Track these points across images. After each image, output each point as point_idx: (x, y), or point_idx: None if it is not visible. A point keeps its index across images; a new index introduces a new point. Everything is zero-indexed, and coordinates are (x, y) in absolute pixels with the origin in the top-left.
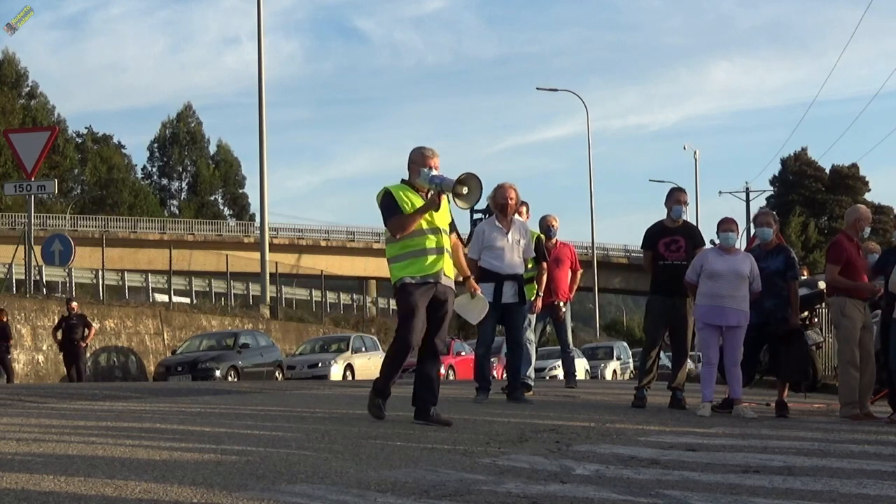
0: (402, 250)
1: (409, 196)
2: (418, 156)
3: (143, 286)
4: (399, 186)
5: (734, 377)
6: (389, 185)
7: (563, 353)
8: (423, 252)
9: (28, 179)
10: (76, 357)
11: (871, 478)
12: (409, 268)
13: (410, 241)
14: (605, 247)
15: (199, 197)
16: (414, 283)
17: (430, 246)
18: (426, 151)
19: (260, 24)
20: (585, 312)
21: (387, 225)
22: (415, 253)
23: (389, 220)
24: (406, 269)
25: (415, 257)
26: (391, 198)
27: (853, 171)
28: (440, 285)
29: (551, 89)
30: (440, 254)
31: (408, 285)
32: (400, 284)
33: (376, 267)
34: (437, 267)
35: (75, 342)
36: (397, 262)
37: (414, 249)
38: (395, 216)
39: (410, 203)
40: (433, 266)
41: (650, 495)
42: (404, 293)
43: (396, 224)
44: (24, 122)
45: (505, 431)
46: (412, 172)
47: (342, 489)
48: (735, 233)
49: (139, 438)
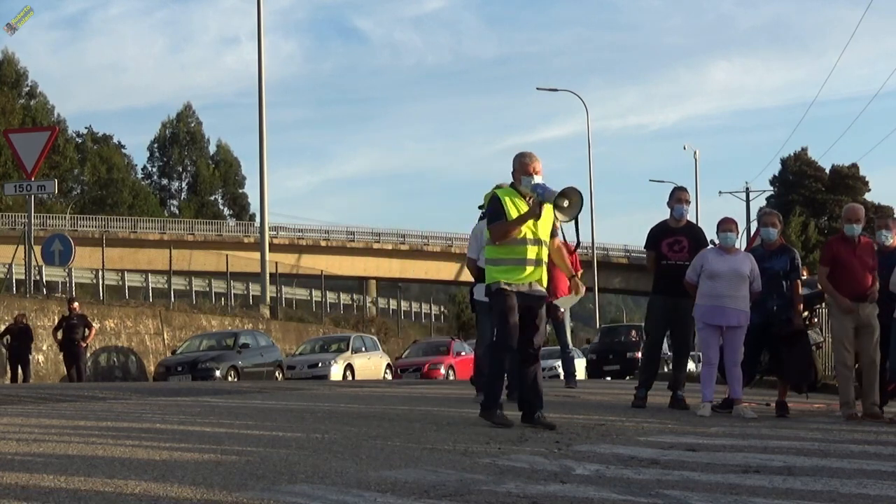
0: (502, 255)
1: (517, 202)
2: (519, 163)
3: (143, 286)
4: (508, 191)
5: (734, 377)
6: (499, 189)
7: (562, 353)
8: (523, 262)
9: (28, 179)
10: (76, 357)
11: (871, 478)
12: (506, 274)
13: (512, 249)
14: (605, 247)
15: (199, 197)
16: (510, 289)
17: (531, 257)
18: (525, 158)
19: (260, 24)
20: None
21: (489, 229)
22: (514, 261)
23: (492, 225)
24: (504, 274)
25: (514, 265)
26: (499, 202)
27: (853, 171)
28: (533, 295)
29: (551, 89)
30: (538, 265)
31: (504, 290)
32: (496, 289)
33: (376, 267)
34: (533, 277)
35: (76, 342)
36: (496, 266)
37: (514, 257)
38: (499, 222)
39: (517, 209)
40: (530, 276)
41: (650, 495)
42: (500, 297)
43: (499, 230)
44: (23, 122)
45: (505, 431)
46: (516, 180)
47: (342, 489)
48: (734, 233)
49: (139, 438)
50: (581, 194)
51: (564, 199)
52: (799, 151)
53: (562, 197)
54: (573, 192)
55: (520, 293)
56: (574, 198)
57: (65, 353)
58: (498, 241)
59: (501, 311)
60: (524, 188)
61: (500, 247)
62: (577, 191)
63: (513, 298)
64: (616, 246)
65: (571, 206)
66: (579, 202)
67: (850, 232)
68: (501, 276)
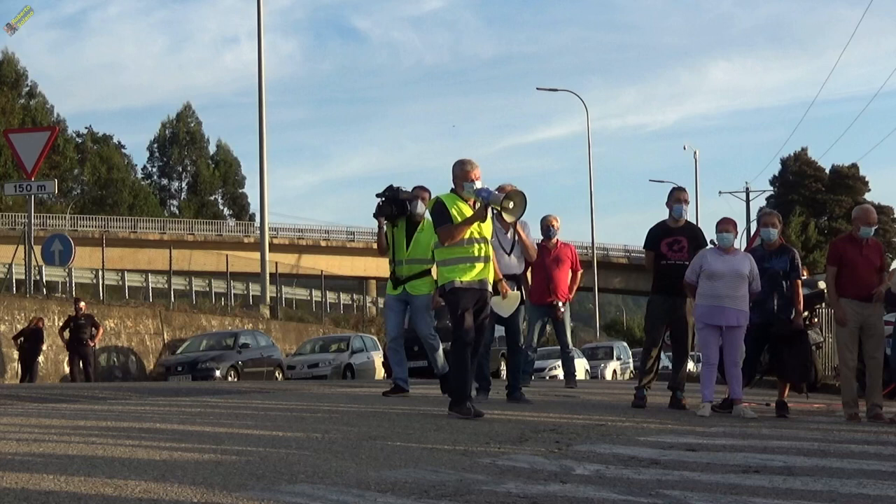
0: (451, 256)
1: (459, 205)
2: (459, 170)
3: (143, 286)
4: (449, 196)
5: (734, 377)
6: (441, 194)
7: (562, 354)
8: (472, 259)
9: (28, 179)
10: (85, 357)
11: (871, 478)
12: (458, 273)
13: (460, 249)
14: (605, 247)
15: (199, 197)
16: (463, 287)
17: (479, 254)
18: (466, 166)
19: (260, 24)
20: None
21: (437, 232)
22: (464, 259)
23: (440, 229)
24: (455, 273)
25: (464, 263)
26: (443, 206)
27: (853, 171)
28: (484, 291)
29: (551, 89)
30: (486, 262)
31: (457, 289)
32: (450, 288)
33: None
34: (484, 274)
35: (83, 342)
36: (447, 267)
37: (463, 256)
38: (446, 225)
39: (460, 212)
40: (480, 273)
41: (650, 495)
42: (454, 296)
43: (446, 232)
44: (23, 122)
45: (505, 431)
46: (458, 187)
47: (342, 489)
48: (733, 233)
49: (139, 438)
50: (524, 196)
51: (509, 201)
52: (799, 151)
53: (507, 199)
54: (517, 194)
55: (472, 290)
56: (518, 199)
57: (71, 353)
58: (447, 242)
59: (457, 309)
60: (466, 193)
61: (448, 248)
62: (522, 193)
63: (466, 298)
64: (616, 246)
65: (516, 206)
66: (523, 203)
67: (864, 234)
68: (454, 275)
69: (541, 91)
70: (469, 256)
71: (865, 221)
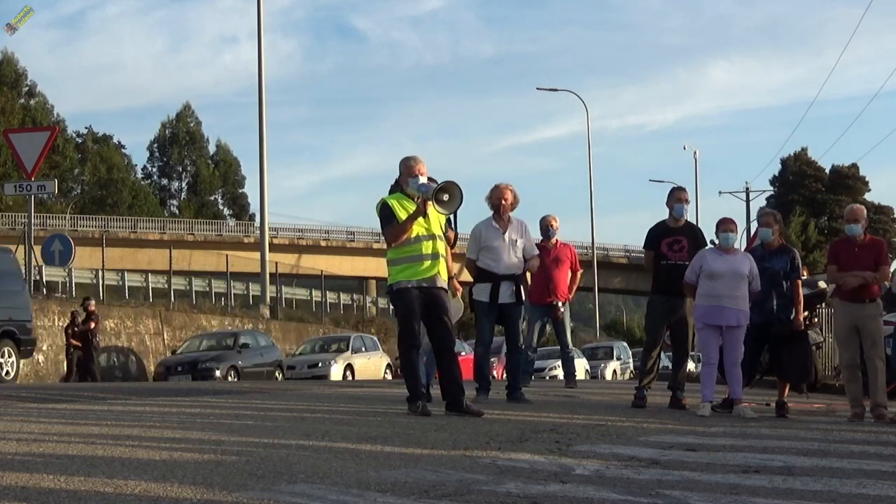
0: (399, 255)
1: (405, 204)
2: (405, 166)
3: (143, 286)
4: (395, 196)
5: (734, 377)
6: (387, 196)
7: (562, 354)
8: (420, 258)
9: (28, 179)
10: (89, 358)
11: (871, 478)
12: (405, 272)
13: (407, 248)
14: (605, 247)
15: (199, 197)
16: (410, 286)
17: (426, 252)
18: (410, 161)
19: (260, 23)
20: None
21: (383, 234)
22: (411, 258)
23: (385, 230)
24: (402, 272)
25: (411, 262)
26: (388, 208)
27: (853, 171)
28: (434, 288)
29: (551, 89)
30: (435, 259)
31: (403, 289)
32: (396, 288)
33: (376, 267)
34: (432, 271)
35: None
36: (395, 266)
37: (410, 255)
38: (390, 225)
39: (406, 211)
40: (428, 271)
41: (650, 495)
42: (400, 297)
43: (391, 233)
44: (23, 122)
45: (505, 431)
46: (403, 183)
47: (342, 489)
48: (734, 233)
49: (139, 438)
50: (459, 187)
51: (444, 193)
52: (799, 151)
53: (441, 191)
54: (452, 186)
55: (422, 288)
56: (454, 191)
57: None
58: (393, 242)
59: (401, 311)
60: (411, 190)
61: (396, 248)
62: (455, 184)
63: (412, 298)
64: (616, 246)
65: (451, 199)
66: (458, 195)
67: (850, 232)
68: (401, 274)
69: (541, 91)
70: (416, 255)
71: (848, 219)
